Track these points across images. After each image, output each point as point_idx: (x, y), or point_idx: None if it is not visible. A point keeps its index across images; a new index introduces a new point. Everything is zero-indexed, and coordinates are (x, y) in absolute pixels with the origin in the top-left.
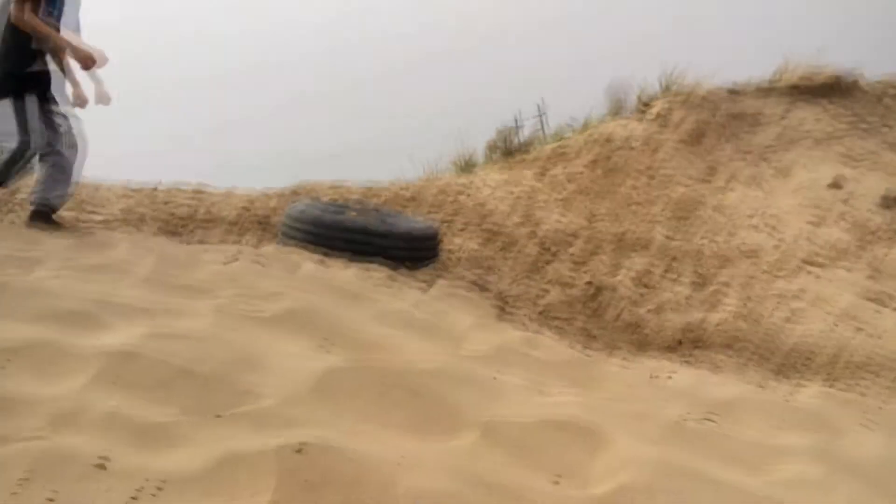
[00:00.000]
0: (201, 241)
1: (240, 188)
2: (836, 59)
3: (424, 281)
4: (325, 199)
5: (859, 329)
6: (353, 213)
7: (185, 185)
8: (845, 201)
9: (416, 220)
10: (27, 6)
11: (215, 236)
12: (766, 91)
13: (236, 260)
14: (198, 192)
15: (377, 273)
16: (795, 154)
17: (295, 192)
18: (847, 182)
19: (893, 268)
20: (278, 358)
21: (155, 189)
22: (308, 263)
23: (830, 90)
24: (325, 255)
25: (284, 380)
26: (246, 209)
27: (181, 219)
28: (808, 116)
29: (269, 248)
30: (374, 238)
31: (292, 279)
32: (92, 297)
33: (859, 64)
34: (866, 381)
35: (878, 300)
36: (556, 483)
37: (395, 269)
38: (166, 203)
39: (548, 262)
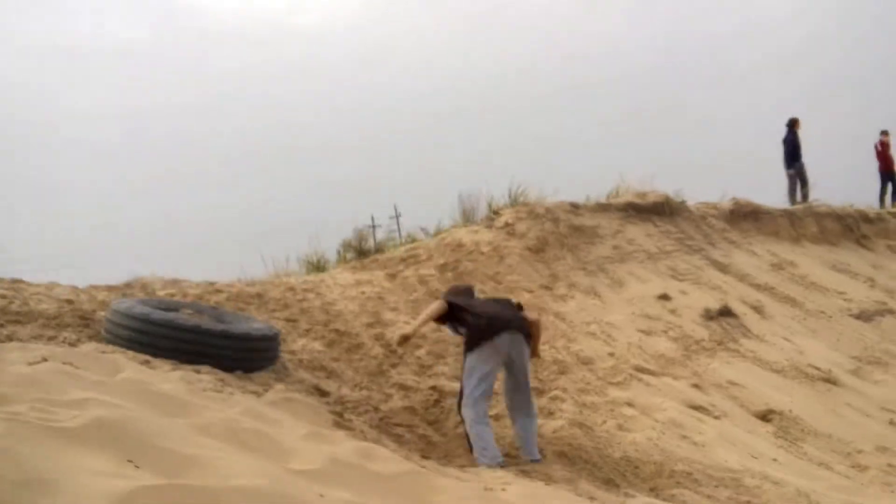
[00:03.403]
0: (10, 338)
1: (64, 282)
2: (666, 182)
3: (260, 386)
4: (161, 294)
5: (684, 437)
6: (187, 312)
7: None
8: (673, 312)
9: (256, 320)
10: None
11: (28, 332)
12: (604, 207)
13: (44, 360)
14: (15, 283)
15: (207, 377)
16: (629, 267)
17: (128, 286)
18: (674, 295)
19: (715, 378)
20: (76, 477)
21: None
22: (129, 366)
23: (660, 210)
24: (153, 356)
25: (79, 503)
26: (69, 302)
27: None
28: (640, 233)
29: (88, 348)
30: (207, 339)
31: (107, 384)
32: None
33: (685, 188)
34: (688, 490)
35: (702, 409)
36: None
37: (228, 373)
38: None
39: (393, 366)
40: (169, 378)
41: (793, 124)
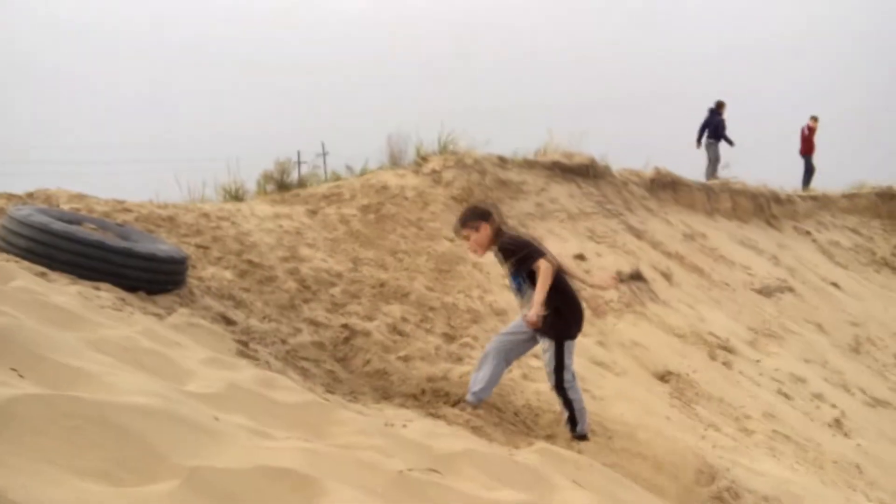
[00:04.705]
0: None
1: None
2: (593, 145)
3: (163, 308)
4: (65, 208)
5: (585, 391)
6: (90, 227)
7: None
8: (587, 272)
9: (164, 242)
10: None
11: None
12: (531, 164)
13: None
14: None
15: (106, 295)
16: (550, 224)
17: (31, 196)
18: (589, 256)
19: (619, 338)
20: None
21: None
22: (23, 276)
23: (585, 172)
24: (50, 269)
25: None
26: None
27: None
28: (564, 192)
29: None
30: (109, 255)
31: None
32: None
33: (611, 153)
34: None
35: (604, 365)
36: None
37: (130, 293)
38: None
39: (305, 301)
40: (65, 291)
41: (718, 107)
